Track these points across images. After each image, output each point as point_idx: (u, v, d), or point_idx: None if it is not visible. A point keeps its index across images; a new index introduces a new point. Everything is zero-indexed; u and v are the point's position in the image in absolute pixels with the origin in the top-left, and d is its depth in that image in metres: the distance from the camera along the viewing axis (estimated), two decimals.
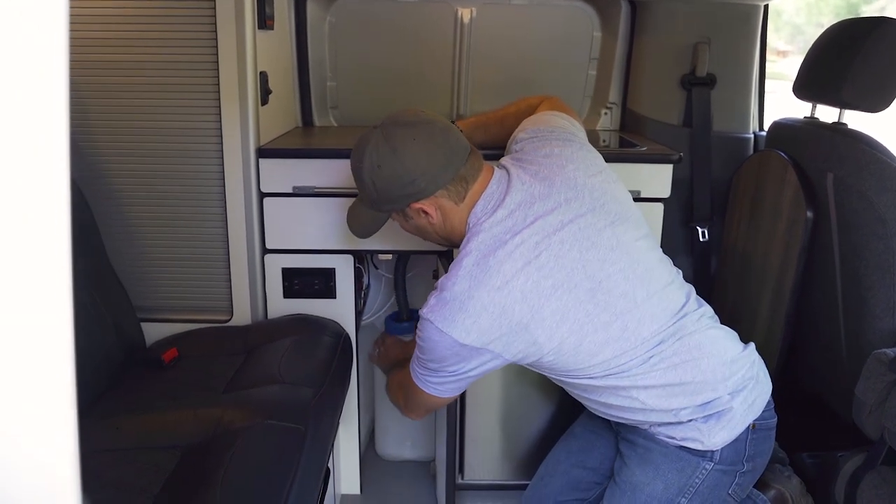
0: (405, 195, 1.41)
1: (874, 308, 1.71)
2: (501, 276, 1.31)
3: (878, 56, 1.74)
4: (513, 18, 2.37)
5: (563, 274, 1.33)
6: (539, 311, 1.31)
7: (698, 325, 1.42)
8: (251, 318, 2.01)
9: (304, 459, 1.41)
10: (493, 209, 1.39)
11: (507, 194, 1.39)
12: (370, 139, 1.40)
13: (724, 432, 1.41)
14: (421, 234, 1.55)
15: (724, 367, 1.40)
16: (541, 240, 1.33)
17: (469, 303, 1.31)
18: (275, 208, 1.94)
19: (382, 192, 1.41)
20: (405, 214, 1.47)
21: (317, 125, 2.44)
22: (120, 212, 1.95)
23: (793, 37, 6.99)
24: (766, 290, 2.04)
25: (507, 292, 1.30)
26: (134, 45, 1.84)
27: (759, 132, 2.41)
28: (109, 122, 1.89)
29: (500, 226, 1.36)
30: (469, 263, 1.33)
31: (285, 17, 2.21)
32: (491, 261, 1.32)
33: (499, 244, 1.34)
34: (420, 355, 1.43)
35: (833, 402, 1.90)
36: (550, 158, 1.45)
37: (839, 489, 1.61)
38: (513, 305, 1.30)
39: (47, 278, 0.41)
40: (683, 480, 1.45)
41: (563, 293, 1.32)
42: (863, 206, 1.70)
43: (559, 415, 2.04)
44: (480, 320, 1.31)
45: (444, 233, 1.48)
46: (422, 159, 1.37)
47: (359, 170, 1.43)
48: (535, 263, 1.32)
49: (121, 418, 1.52)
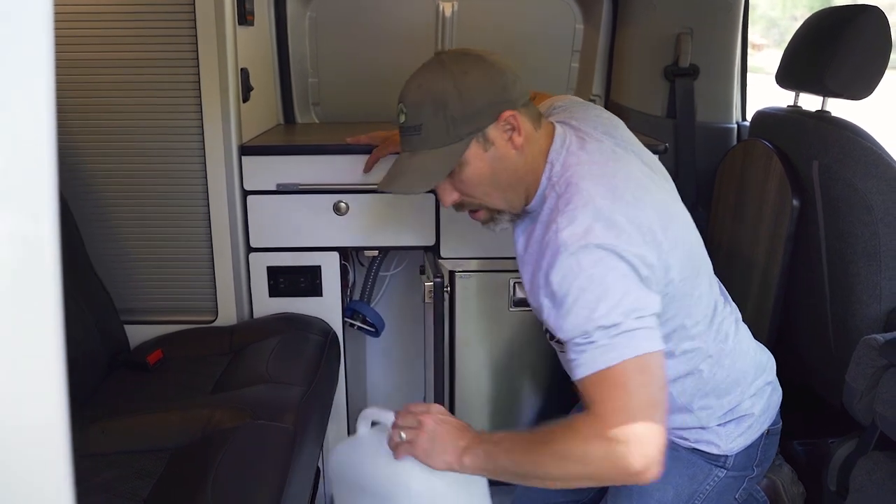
0: (496, 102, 1.21)
1: (861, 294, 1.71)
2: (631, 192, 1.16)
3: (860, 43, 1.74)
4: (494, 12, 2.37)
5: (678, 209, 1.27)
6: (671, 234, 1.18)
7: (737, 326, 1.41)
8: (236, 318, 1.98)
9: (295, 459, 1.39)
10: (581, 142, 1.25)
11: (584, 134, 1.28)
12: (441, 60, 1.24)
13: (742, 438, 1.38)
14: (494, 177, 1.26)
15: (752, 369, 1.39)
16: (645, 172, 1.26)
17: (614, 216, 1.12)
18: (258, 206, 1.92)
19: (471, 100, 1.20)
20: (486, 140, 1.23)
21: (299, 122, 2.42)
22: (100, 213, 1.92)
23: (767, 30, 7.03)
24: (752, 279, 2.05)
25: (641, 208, 1.15)
26: (112, 43, 1.81)
27: (743, 122, 2.42)
28: (87, 121, 1.85)
29: (599, 154, 1.23)
30: (587, 185, 1.16)
31: (265, 12, 2.19)
32: (613, 181, 1.17)
33: (611, 167, 1.21)
34: (595, 307, 1.08)
35: (822, 390, 1.91)
36: (601, 119, 1.36)
37: (831, 475, 1.61)
38: (650, 222, 1.15)
39: (36, 283, 0.39)
40: (694, 487, 1.41)
41: (683, 225, 1.26)
42: (848, 193, 1.71)
43: (548, 409, 2.04)
44: (628, 227, 1.12)
45: (524, 167, 1.25)
46: (507, 70, 1.24)
47: (438, 88, 1.20)
48: (651, 187, 1.22)
49: (106, 422, 1.49)
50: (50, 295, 0.40)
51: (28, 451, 0.42)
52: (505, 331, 2.02)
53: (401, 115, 1.26)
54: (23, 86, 0.38)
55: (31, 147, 0.39)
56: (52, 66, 0.39)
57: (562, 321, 1.12)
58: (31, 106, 0.38)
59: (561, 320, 1.12)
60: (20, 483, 0.42)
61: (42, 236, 0.39)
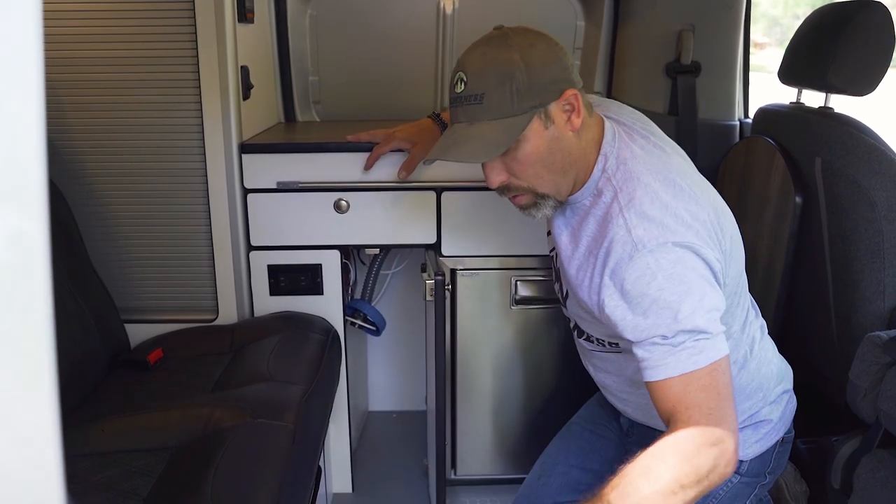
0: (559, 79, 1.20)
1: (864, 291, 1.71)
2: (689, 189, 1.18)
3: (862, 39, 1.73)
4: (495, 9, 2.36)
5: (722, 203, 1.28)
6: (725, 230, 1.22)
7: (762, 332, 1.42)
8: (237, 317, 1.98)
9: (296, 457, 1.39)
10: (630, 138, 1.26)
11: (631, 129, 1.29)
12: (505, 34, 1.21)
13: (758, 444, 1.38)
14: (550, 157, 1.24)
15: (772, 377, 1.39)
16: (693, 168, 1.27)
17: (681, 212, 1.13)
18: (259, 204, 1.91)
19: (536, 73, 1.17)
20: (548, 117, 1.20)
21: (299, 120, 2.41)
22: (100, 212, 1.92)
23: (769, 28, 7.02)
24: (755, 277, 2.03)
25: (702, 205, 1.17)
26: (111, 41, 1.80)
27: (745, 119, 2.41)
28: (88, 119, 1.85)
29: (651, 150, 1.24)
30: (650, 181, 1.17)
31: (265, 10, 2.18)
32: (671, 176, 1.19)
33: (665, 163, 1.22)
34: (677, 304, 1.09)
35: (825, 387, 1.90)
36: (635, 116, 1.39)
37: (835, 473, 1.60)
38: (711, 219, 1.17)
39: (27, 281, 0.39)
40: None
41: (730, 224, 1.26)
42: (852, 189, 1.70)
43: (552, 408, 2.03)
44: (696, 224, 1.14)
45: (577, 150, 1.24)
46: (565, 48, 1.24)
47: (504, 59, 1.17)
48: (703, 184, 1.24)
49: (107, 420, 1.49)
50: (41, 294, 0.39)
51: (20, 451, 0.41)
52: (507, 328, 2.01)
53: (459, 83, 1.22)
54: (10, 83, 0.38)
55: (21, 145, 0.38)
56: (41, 63, 0.38)
57: (639, 320, 1.11)
58: (20, 104, 0.38)
59: (638, 319, 1.11)
60: (11, 484, 0.42)
61: (33, 235, 0.38)
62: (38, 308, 0.40)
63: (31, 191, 0.38)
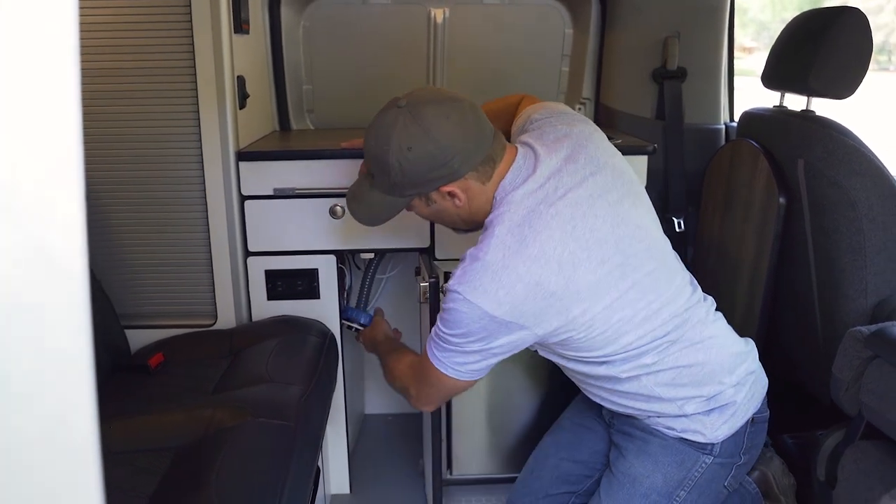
0: (435, 178, 1.33)
1: (847, 290, 1.75)
2: (538, 245, 1.26)
3: (842, 44, 1.78)
4: (485, 18, 2.40)
5: (597, 247, 1.29)
6: (575, 283, 1.27)
7: (707, 316, 1.45)
8: (235, 322, 2.01)
9: (296, 456, 1.42)
10: (524, 180, 1.33)
11: (537, 167, 1.34)
12: (396, 120, 1.31)
13: (727, 426, 1.43)
14: (439, 218, 1.48)
15: (730, 359, 1.43)
16: (575, 212, 1.29)
17: (503, 273, 1.25)
18: (256, 211, 1.95)
19: (410, 175, 1.32)
20: (428, 199, 1.39)
21: (294, 129, 2.45)
22: (100, 219, 1.95)
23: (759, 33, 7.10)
24: (741, 277, 2.08)
25: (545, 262, 1.25)
26: (110, 52, 1.84)
27: (731, 123, 2.46)
28: (87, 129, 1.87)
29: (533, 197, 1.31)
30: (503, 233, 1.28)
31: (260, 21, 2.22)
32: (527, 230, 1.27)
33: (534, 214, 1.29)
34: (443, 331, 1.34)
35: (810, 385, 1.94)
36: (570, 137, 1.42)
37: (820, 466, 1.64)
38: (549, 276, 1.26)
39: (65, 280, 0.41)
40: (683, 473, 1.46)
41: (597, 266, 1.28)
42: (833, 190, 1.75)
43: (546, 407, 2.06)
44: (515, 291, 1.25)
45: (468, 214, 1.41)
46: (456, 139, 1.31)
47: (383, 153, 1.32)
48: (572, 234, 1.28)
49: (110, 423, 1.52)
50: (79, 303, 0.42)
51: (61, 454, 0.43)
52: None
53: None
54: (50, 96, 0.39)
55: (61, 157, 0.40)
56: (77, 75, 0.41)
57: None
58: (60, 116, 0.40)
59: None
60: (52, 487, 0.44)
61: (71, 246, 0.41)
62: (77, 314, 0.42)
63: (70, 203, 0.41)
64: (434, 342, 1.39)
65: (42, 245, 0.39)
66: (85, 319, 0.41)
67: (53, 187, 0.39)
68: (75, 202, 0.40)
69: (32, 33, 0.38)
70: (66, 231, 0.40)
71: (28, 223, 0.38)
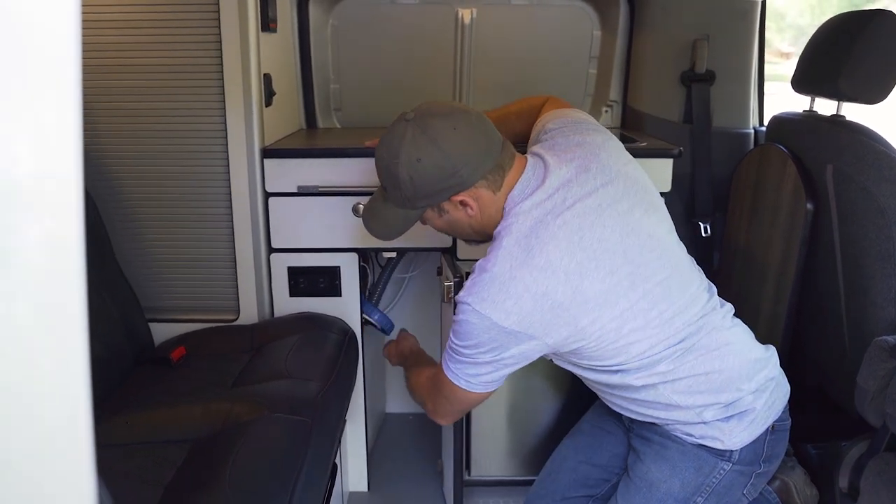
0: (446, 188, 1.35)
1: (875, 297, 1.72)
2: (545, 256, 1.27)
3: (874, 48, 1.75)
4: (513, 19, 2.40)
5: (606, 257, 1.29)
6: (582, 293, 1.28)
7: (724, 323, 1.43)
8: (257, 317, 2.03)
9: (311, 451, 1.43)
10: (532, 191, 1.35)
11: (546, 178, 1.35)
12: (405, 133, 1.33)
13: (746, 433, 1.41)
14: (452, 230, 1.49)
15: (748, 365, 1.41)
16: (583, 222, 1.30)
17: (511, 284, 1.27)
18: (280, 208, 1.97)
19: (421, 187, 1.35)
20: (441, 209, 1.41)
21: (320, 127, 2.47)
22: (127, 214, 1.98)
23: (796, 39, 6.99)
24: (767, 283, 2.05)
25: (551, 273, 1.26)
26: (139, 49, 1.87)
27: (760, 128, 2.43)
28: (116, 124, 1.91)
29: (541, 208, 1.32)
30: (510, 244, 1.30)
31: (288, 19, 2.24)
32: (533, 241, 1.29)
33: (541, 225, 1.30)
34: (455, 342, 1.36)
35: (836, 394, 1.91)
36: (583, 147, 1.42)
37: (842, 477, 1.62)
38: (556, 286, 1.26)
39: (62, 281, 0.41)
40: (701, 479, 1.44)
41: (605, 275, 1.29)
42: (862, 196, 1.72)
43: (566, 410, 2.05)
44: (522, 302, 1.27)
45: (480, 225, 1.43)
46: (464, 148, 1.33)
47: (393, 166, 1.35)
48: (579, 245, 1.28)
49: (131, 414, 1.55)
50: (76, 295, 0.42)
51: (53, 445, 0.44)
52: None
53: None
54: (50, 91, 0.39)
55: (59, 151, 0.40)
56: (79, 72, 0.40)
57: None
58: (59, 111, 0.40)
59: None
60: (46, 478, 0.44)
61: (69, 237, 0.41)
62: (74, 309, 0.42)
63: (69, 196, 0.41)
64: (448, 354, 1.41)
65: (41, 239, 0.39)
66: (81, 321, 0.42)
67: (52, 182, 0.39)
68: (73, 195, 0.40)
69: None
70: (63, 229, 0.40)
71: (24, 219, 0.39)
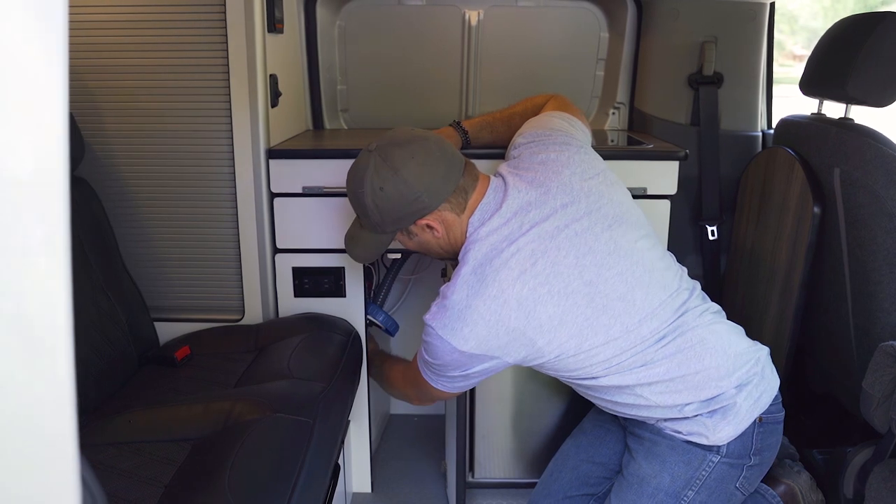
0: (410, 213, 1.44)
1: (882, 302, 1.70)
2: (497, 285, 1.34)
3: (882, 50, 1.74)
4: (520, 20, 2.40)
5: (559, 280, 1.35)
6: (535, 318, 1.35)
7: (700, 321, 1.43)
8: (262, 317, 2.03)
9: (312, 451, 1.43)
10: (489, 217, 1.42)
11: (504, 202, 1.42)
12: (368, 164, 1.43)
13: (730, 427, 1.42)
14: (424, 250, 1.58)
15: (728, 361, 1.41)
16: (537, 247, 1.36)
17: (466, 312, 1.35)
18: (285, 208, 1.97)
19: (387, 213, 1.45)
20: (409, 233, 1.51)
21: (327, 128, 2.47)
22: (133, 214, 1.99)
23: (809, 41, 6.97)
24: (774, 286, 2.04)
25: (503, 301, 1.34)
26: (146, 49, 1.88)
27: (768, 130, 2.41)
28: (123, 124, 1.92)
29: (497, 234, 1.40)
30: (466, 273, 1.38)
31: (295, 20, 2.25)
32: (487, 270, 1.36)
33: (495, 253, 1.37)
34: (425, 356, 1.47)
35: (843, 399, 1.89)
36: (546, 165, 1.48)
37: (847, 483, 1.60)
38: (509, 314, 1.34)
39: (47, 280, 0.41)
40: (690, 473, 1.46)
41: (559, 299, 1.35)
42: (870, 200, 1.70)
43: (570, 412, 2.04)
44: (477, 329, 1.35)
45: (448, 245, 1.51)
46: (423, 175, 1.41)
47: (360, 195, 1.45)
48: (531, 272, 1.35)
49: (133, 413, 1.55)
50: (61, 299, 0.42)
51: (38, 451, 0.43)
52: None
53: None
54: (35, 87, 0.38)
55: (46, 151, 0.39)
56: (65, 72, 0.39)
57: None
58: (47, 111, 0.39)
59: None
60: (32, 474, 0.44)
61: (54, 238, 0.41)
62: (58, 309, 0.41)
63: (55, 196, 0.41)
64: (420, 361, 1.52)
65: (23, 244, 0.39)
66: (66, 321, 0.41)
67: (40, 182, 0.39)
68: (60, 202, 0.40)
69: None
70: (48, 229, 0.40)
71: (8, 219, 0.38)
